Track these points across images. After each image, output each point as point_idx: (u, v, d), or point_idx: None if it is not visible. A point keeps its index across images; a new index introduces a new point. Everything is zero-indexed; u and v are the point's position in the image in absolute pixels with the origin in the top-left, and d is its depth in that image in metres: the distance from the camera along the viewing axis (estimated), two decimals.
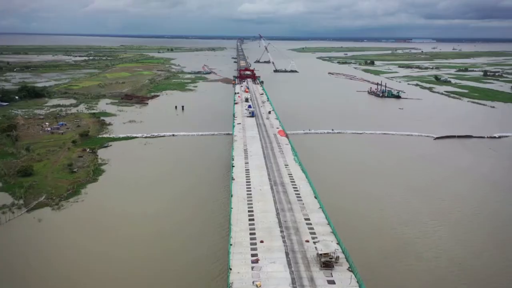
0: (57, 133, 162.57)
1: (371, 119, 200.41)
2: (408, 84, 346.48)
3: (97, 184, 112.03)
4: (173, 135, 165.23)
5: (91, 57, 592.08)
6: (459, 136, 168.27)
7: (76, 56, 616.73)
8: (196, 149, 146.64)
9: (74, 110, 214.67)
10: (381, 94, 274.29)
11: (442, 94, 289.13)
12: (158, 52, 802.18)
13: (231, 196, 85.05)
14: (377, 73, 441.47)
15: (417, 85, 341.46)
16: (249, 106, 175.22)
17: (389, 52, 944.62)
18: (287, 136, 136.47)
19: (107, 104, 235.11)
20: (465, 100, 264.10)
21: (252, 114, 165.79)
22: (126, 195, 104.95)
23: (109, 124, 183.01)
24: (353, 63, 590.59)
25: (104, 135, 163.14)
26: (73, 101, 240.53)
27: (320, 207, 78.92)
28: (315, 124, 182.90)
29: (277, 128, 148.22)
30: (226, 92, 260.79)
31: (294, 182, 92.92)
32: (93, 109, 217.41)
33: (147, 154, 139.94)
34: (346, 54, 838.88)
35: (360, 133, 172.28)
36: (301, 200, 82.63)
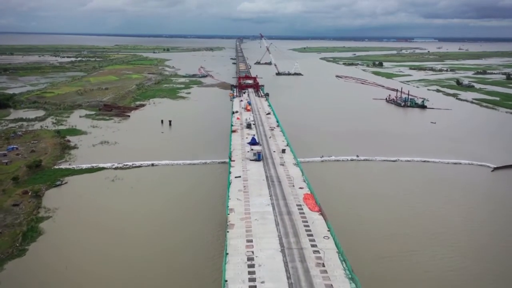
0: (1, 162, 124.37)
1: (401, 139, 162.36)
2: (428, 89, 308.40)
3: (22, 262, 74.01)
4: (152, 164, 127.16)
5: (79, 58, 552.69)
6: None
7: (63, 57, 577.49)
8: (180, 191, 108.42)
9: (38, 125, 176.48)
10: (402, 103, 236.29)
11: (472, 102, 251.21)
12: (153, 52, 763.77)
13: None
14: (389, 76, 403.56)
15: (438, 90, 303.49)
16: (253, 140, 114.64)
17: (394, 52, 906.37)
18: (321, 211, 72.02)
19: (80, 117, 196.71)
20: (503, 111, 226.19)
21: (259, 157, 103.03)
22: (66, 281, 67.14)
23: (74, 147, 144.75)
24: (360, 65, 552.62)
25: (62, 166, 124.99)
26: (42, 113, 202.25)
27: None
28: (332, 146, 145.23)
29: (301, 188, 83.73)
30: (223, 101, 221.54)
31: None
32: (61, 124, 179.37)
33: (112, 198, 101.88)
34: (355, 54, 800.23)
35: (394, 161, 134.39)
36: None
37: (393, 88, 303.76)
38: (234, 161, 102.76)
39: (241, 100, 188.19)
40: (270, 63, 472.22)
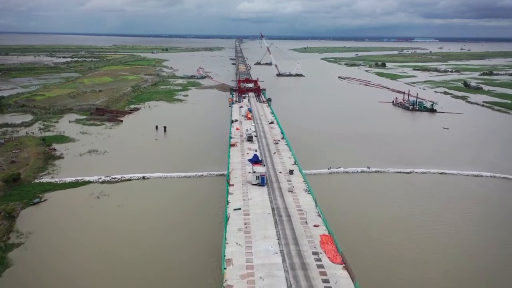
0: None
1: (413, 147, 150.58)
2: (435, 92, 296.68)
3: None
4: (144, 177, 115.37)
5: (75, 59, 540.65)
6: None
7: (59, 57, 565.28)
8: (171, 212, 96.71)
9: (24, 131, 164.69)
10: (411, 107, 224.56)
11: (483, 106, 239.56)
12: (152, 53, 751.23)
13: None
14: (393, 77, 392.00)
15: (445, 93, 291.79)
16: (256, 157, 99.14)
17: (396, 52, 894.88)
18: (345, 263, 56.38)
19: (70, 122, 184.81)
20: None
21: (262, 181, 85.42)
22: None
23: (59, 157, 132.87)
24: (362, 65, 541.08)
25: (44, 179, 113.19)
26: (29, 118, 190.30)
27: None
28: (339, 155, 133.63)
29: (316, 226, 67.52)
30: (222, 104, 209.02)
31: None
32: (48, 130, 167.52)
33: (95, 219, 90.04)
34: (357, 54, 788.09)
35: (408, 173, 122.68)
36: None
37: (398, 90, 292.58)
38: (233, 185, 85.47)
39: (241, 107, 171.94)
40: (270, 64, 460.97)
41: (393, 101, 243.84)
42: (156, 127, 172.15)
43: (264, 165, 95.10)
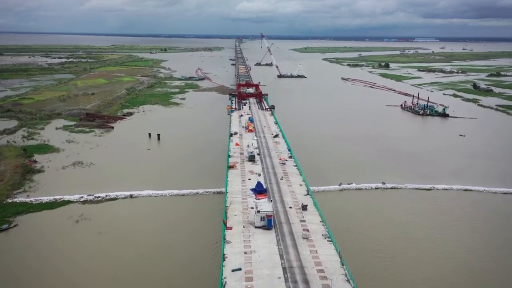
0: None
1: (430, 158, 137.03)
2: (444, 94, 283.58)
3: None
4: (131, 196, 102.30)
5: (70, 59, 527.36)
6: None
7: (55, 58, 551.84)
8: (159, 241, 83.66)
9: (5, 140, 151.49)
10: (421, 111, 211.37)
11: (496, 110, 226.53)
12: (150, 53, 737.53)
13: None
14: (398, 78, 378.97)
15: (455, 95, 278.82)
16: (259, 186, 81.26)
17: (398, 52, 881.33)
18: None
19: (57, 129, 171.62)
20: None
21: (269, 224, 66.92)
22: None
23: (40, 170, 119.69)
24: (365, 66, 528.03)
25: (18, 198, 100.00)
26: (14, 124, 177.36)
27: None
28: (350, 169, 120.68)
29: None
30: (221, 108, 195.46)
31: None
32: (32, 139, 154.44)
33: (71, 250, 76.93)
34: (360, 54, 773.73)
35: (428, 189, 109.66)
36: None
37: (406, 93, 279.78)
38: (231, 229, 66.45)
39: (241, 115, 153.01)
40: (271, 64, 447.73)
41: (401, 105, 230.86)
42: (149, 134, 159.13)
43: (271, 200, 75.93)
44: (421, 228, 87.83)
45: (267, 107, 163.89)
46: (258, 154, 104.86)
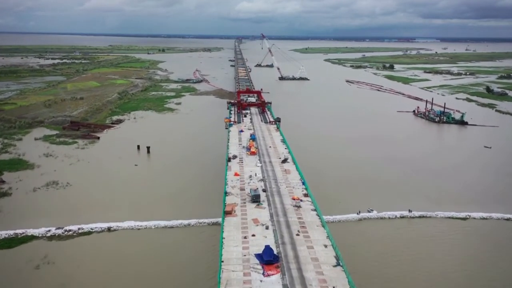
0: None
1: (460, 177, 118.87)
2: (457, 98, 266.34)
3: None
4: (109, 228, 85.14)
5: (63, 60, 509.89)
6: None
7: (48, 59, 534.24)
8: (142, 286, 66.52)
9: None
10: (437, 118, 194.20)
11: None
12: (148, 53, 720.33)
13: None
14: (405, 81, 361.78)
15: (468, 100, 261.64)
16: (267, 252, 55.69)
17: (400, 53, 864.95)
18: None
19: (36, 139, 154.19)
20: None
21: None
22: None
23: (6, 193, 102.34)
24: (368, 67, 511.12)
25: None
26: None
27: None
28: (369, 193, 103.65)
29: None
30: (220, 115, 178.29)
31: None
32: (6, 152, 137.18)
33: None
34: (364, 55, 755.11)
35: (463, 218, 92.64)
36: None
37: (416, 97, 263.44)
38: None
39: (241, 131, 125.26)
40: (271, 66, 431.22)
41: (414, 111, 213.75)
42: (138, 147, 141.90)
43: (284, 275, 51.65)
44: (460, 270, 71.12)
45: (271, 119, 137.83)
46: (264, 191, 79.22)
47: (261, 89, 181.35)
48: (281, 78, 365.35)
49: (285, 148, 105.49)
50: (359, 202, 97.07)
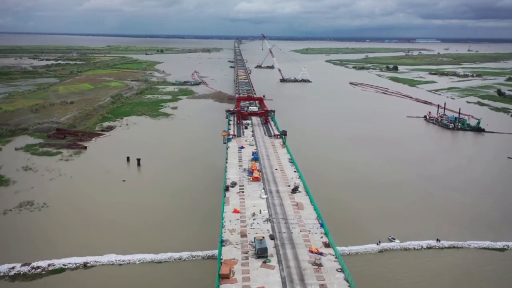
0: None
1: (487, 195, 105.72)
2: (468, 102, 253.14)
3: None
4: (85, 264, 71.91)
5: (58, 61, 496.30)
6: None
7: (43, 60, 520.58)
8: None
9: None
10: (451, 125, 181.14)
11: None
12: (146, 54, 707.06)
13: None
14: (411, 83, 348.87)
15: (480, 103, 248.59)
16: None
17: (402, 54, 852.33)
18: None
19: (17, 149, 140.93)
20: None
21: None
22: None
23: None
24: (371, 68, 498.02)
25: None
26: None
27: None
28: (390, 220, 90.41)
29: None
30: (218, 122, 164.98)
31: None
32: None
33: None
34: (367, 56, 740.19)
35: (501, 249, 79.57)
36: None
37: (424, 101, 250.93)
38: None
39: (242, 147, 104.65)
40: (272, 67, 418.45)
41: (425, 116, 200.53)
42: (128, 158, 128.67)
43: None
44: None
45: (276, 133, 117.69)
46: (272, 238, 59.35)
47: (264, 96, 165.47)
48: (282, 80, 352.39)
49: (294, 171, 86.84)
50: (379, 229, 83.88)
